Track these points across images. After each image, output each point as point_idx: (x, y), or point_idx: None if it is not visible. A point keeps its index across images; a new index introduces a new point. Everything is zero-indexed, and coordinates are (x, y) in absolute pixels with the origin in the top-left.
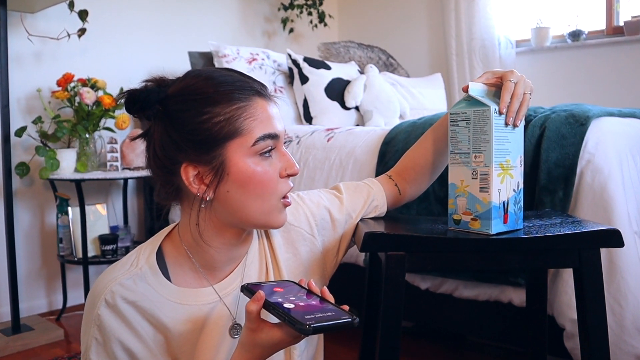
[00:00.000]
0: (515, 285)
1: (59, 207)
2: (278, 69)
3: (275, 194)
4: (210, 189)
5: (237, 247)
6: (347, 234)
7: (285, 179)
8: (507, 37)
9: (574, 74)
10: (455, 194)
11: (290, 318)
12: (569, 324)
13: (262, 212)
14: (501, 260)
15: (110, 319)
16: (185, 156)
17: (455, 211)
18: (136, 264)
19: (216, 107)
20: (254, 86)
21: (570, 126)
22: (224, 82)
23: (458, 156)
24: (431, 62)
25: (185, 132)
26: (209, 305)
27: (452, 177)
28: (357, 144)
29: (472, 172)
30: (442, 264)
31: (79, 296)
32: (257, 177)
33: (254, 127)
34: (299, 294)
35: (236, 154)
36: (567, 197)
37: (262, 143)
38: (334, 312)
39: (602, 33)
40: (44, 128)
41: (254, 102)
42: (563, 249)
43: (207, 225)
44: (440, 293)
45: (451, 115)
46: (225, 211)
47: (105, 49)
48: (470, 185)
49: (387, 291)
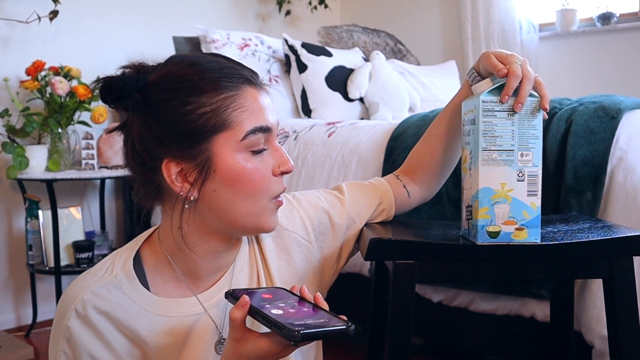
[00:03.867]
0: (539, 298)
1: (28, 211)
2: (273, 55)
3: (267, 194)
4: (194, 188)
5: (224, 254)
6: (349, 240)
7: (278, 177)
8: (530, 21)
9: (604, 62)
10: (491, 201)
11: (277, 324)
12: (598, 341)
13: (252, 213)
14: (523, 269)
15: (81, 331)
16: (167, 151)
17: (492, 222)
18: (111, 270)
19: (202, 96)
20: (244, 73)
21: (599, 120)
22: (211, 68)
23: (496, 154)
24: (444, 48)
25: (167, 124)
26: (192, 317)
27: (484, 180)
28: (361, 140)
29: (519, 174)
30: (456, 274)
31: (51, 310)
32: (247, 175)
33: (243, 119)
34: (289, 300)
35: (224, 148)
36: (596, 199)
37: (253, 137)
38: (327, 319)
39: (636, 16)
40: (12, 122)
41: (244, 92)
42: (592, 258)
43: (191, 228)
44: (454, 306)
45: (484, 103)
46: (212, 213)
47: (79, 33)
48: (515, 189)
49: (395, 304)
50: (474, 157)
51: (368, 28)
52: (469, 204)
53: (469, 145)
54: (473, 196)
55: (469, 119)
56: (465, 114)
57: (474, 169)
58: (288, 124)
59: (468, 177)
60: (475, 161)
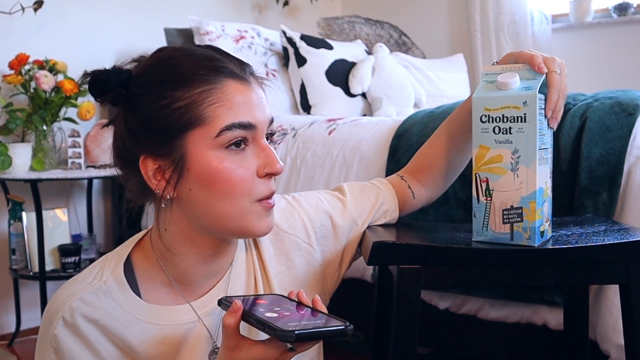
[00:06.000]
0: (551, 305)
1: (11, 213)
2: (270, 48)
3: (248, 196)
4: (170, 186)
5: (216, 258)
6: (351, 244)
7: (265, 179)
8: (542, 11)
9: (620, 55)
10: (543, 200)
11: (270, 325)
12: (614, 350)
13: (231, 216)
14: (534, 275)
15: (69, 340)
16: (143, 147)
17: (542, 222)
18: (100, 276)
19: (177, 90)
20: (225, 66)
21: (616, 116)
22: (188, 61)
23: (544, 152)
24: (452, 40)
25: (143, 119)
26: (186, 325)
27: (540, 180)
28: (363, 138)
29: (551, 172)
30: (464, 280)
31: (35, 317)
32: (222, 175)
33: (219, 115)
34: (285, 305)
35: (198, 146)
36: (612, 201)
37: (229, 134)
38: (324, 320)
39: None
40: None
41: (224, 85)
42: (607, 262)
43: (177, 230)
44: (462, 314)
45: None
46: (192, 214)
47: (65, 25)
48: (549, 187)
49: (399, 311)
50: (524, 156)
51: (371, 19)
52: (512, 205)
53: (507, 144)
54: (524, 197)
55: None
56: (494, 109)
57: (523, 169)
58: (286, 120)
59: (510, 178)
60: (527, 161)
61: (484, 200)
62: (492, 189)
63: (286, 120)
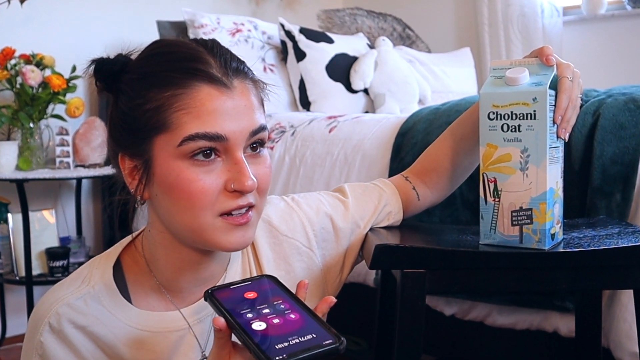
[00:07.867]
0: (562, 311)
1: None
2: (268, 42)
3: (210, 210)
4: (140, 187)
5: (203, 265)
6: (353, 247)
7: (233, 195)
8: (552, 3)
9: (635, 48)
10: (553, 201)
11: (256, 348)
12: (628, 358)
13: (192, 229)
14: (545, 279)
15: (55, 347)
16: (120, 145)
17: (553, 224)
18: (88, 281)
19: (150, 91)
20: (203, 69)
21: (630, 113)
22: (166, 60)
23: (554, 151)
24: (458, 34)
25: (120, 116)
26: (177, 333)
27: (550, 180)
28: (365, 136)
29: (562, 171)
30: (471, 285)
31: (22, 324)
32: (182, 186)
33: (184, 123)
34: (276, 302)
35: (162, 152)
36: (626, 202)
37: (192, 144)
38: (315, 334)
39: None
40: None
41: (195, 90)
42: (621, 266)
43: (157, 234)
44: (468, 320)
45: (551, 97)
46: (163, 219)
47: (53, 18)
48: (560, 187)
49: (403, 317)
50: (534, 155)
51: (373, 11)
52: (521, 207)
53: (516, 143)
54: (534, 198)
55: (509, 112)
56: (503, 106)
57: (533, 169)
58: (285, 117)
59: (519, 178)
60: (537, 160)
61: (492, 201)
62: (501, 190)
63: (285, 117)
